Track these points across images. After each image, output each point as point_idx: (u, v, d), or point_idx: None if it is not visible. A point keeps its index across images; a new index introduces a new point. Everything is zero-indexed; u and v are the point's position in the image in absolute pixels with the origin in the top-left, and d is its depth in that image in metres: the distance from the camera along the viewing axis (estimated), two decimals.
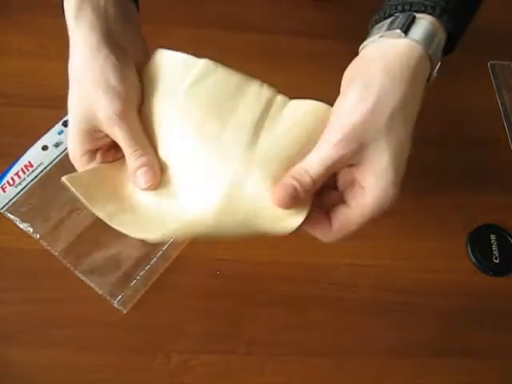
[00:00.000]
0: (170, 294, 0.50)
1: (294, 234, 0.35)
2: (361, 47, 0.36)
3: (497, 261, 0.56)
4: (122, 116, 0.35)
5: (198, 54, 0.65)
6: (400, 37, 0.32)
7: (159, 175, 0.36)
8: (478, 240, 0.57)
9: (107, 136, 0.36)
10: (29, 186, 0.54)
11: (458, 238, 0.57)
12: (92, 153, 0.37)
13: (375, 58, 0.33)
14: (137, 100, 0.37)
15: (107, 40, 0.35)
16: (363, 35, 0.71)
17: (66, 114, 0.57)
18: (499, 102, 0.67)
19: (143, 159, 0.36)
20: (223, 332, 0.50)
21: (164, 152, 0.37)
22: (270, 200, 0.33)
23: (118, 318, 0.49)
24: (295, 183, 0.32)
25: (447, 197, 0.60)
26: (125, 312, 0.49)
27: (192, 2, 0.69)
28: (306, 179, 0.32)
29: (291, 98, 0.49)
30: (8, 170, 0.54)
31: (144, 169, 0.35)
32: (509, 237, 0.57)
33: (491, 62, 0.70)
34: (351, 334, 0.51)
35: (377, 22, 0.36)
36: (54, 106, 0.58)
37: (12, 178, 0.54)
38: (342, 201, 0.35)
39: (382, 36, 0.34)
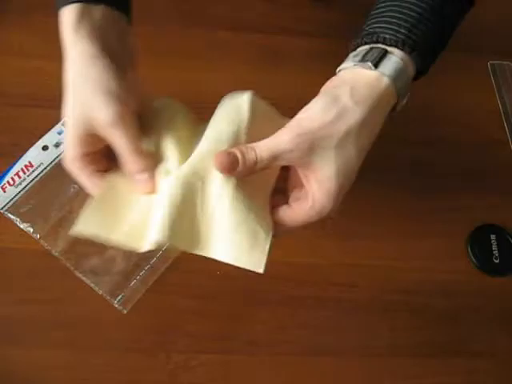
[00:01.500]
0: (170, 294, 0.50)
1: None
2: (338, 69, 0.39)
3: (497, 261, 0.56)
4: (122, 119, 0.36)
5: (198, 54, 0.65)
6: (371, 69, 0.36)
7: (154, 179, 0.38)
8: (478, 240, 0.57)
9: (101, 142, 0.37)
10: (29, 186, 0.54)
11: (458, 238, 0.57)
12: (86, 161, 0.38)
13: (347, 81, 0.36)
14: (136, 105, 0.38)
15: (106, 50, 0.37)
16: None
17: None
18: (499, 102, 0.67)
19: (142, 163, 0.37)
20: (223, 332, 0.50)
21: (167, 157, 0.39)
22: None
23: (118, 318, 0.49)
24: (239, 154, 0.35)
25: (447, 197, 0.60)
26: (125, 312, 0.49)
27: (192, 1, 0.69)
28: (251, 155, 0.35)
29: (291, 98, 0.48)
30: (8, 170, 0.54)
31: (144, 175, 0.37)
32: (509, 237, 0.57)
33: (491, 61, 0.70)
34: (351, 334, 0.51)
35: (355, 48, 0.39)
36: (54, 106, 0.58)
37: (12, 178, 0.54)
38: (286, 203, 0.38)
39: (355, 65, 0.37)
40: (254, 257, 0.36)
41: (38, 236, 0.51)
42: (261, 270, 0.36)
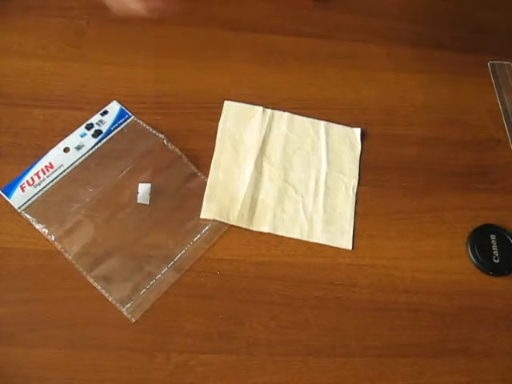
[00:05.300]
0: (170, 294, 0.50)
1: None
2: None
3: (497, 261, 0.56)
4: None
5: (198, 54, 0.65)
6: None
7: None
8: (478, 240, 0.57)
9: None
10: (47, 187, 0.53)
11: (458, 238, 0.57)
12: None
13: None
14: None
15: None
16: (363, 35, 0.71)
17: (90, 116, 0.57)
18: (499, 102, 0.67)
19: None
20: (223, 332, 0.50)
21: None
22: None
23: (117, 318, 0.49)
24: None
25: (447, 197, 0.60)
26: (133, 321, 0.49)
27: (192, 1, 0.69)
28: None
29: (291, 98, 0.48)
30: (29, 169, 0.54)
31: None
32: (509, 237, 0.57)
33: (491, 61, 0.70)
34: (351, 334, 0.51)
35: None
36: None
37: (32, 178, 0.54)
38: None
39: None
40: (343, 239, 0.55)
41: (53, 238, 0.51)
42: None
